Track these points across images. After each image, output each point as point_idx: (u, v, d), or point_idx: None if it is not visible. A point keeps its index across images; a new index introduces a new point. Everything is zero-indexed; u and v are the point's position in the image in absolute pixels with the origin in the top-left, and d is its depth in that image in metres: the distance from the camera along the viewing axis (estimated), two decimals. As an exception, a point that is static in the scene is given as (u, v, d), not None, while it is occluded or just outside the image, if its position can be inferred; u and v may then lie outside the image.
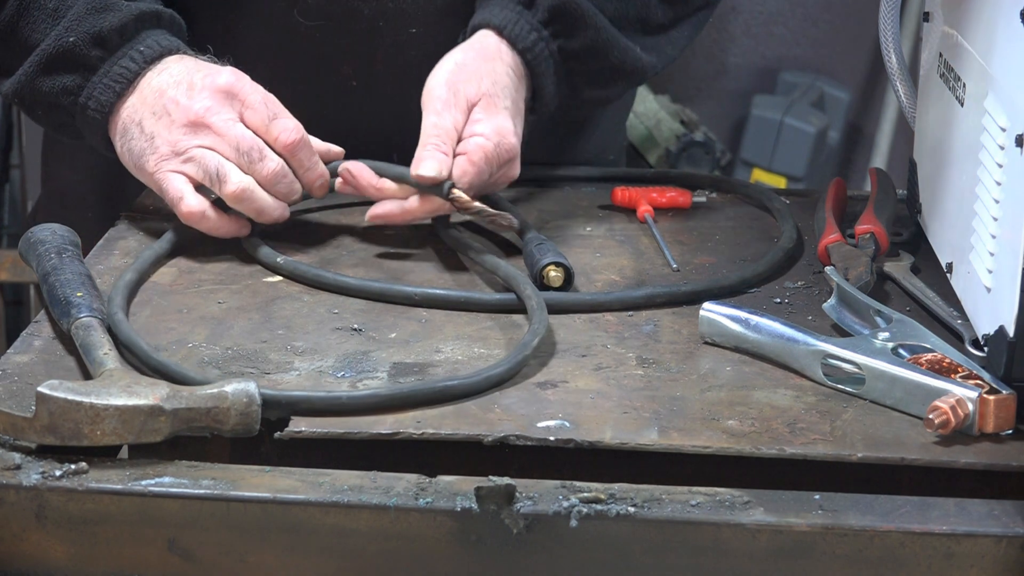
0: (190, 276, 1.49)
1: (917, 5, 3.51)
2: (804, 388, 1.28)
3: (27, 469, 1.13)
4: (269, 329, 1.38)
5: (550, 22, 1.61)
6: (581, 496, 1.11)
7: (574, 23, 1.61)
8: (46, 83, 1.55)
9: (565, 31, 1.61)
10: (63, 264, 1.41)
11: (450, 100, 1.55)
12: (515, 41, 1.60)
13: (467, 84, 1.56)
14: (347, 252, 1.55)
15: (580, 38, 1.62)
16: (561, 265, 1.46)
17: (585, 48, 1.62)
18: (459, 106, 1.55)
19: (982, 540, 1.09)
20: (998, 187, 1.25)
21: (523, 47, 1.60)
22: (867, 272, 1.42)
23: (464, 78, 1.57)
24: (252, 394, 1.18)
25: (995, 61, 1.29)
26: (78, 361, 1.30)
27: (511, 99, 1.58)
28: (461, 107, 1.55)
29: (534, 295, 1.39)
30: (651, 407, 1.24)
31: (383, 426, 1.20)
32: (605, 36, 1.62)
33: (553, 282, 1.45)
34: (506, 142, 1.55)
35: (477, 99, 1.56)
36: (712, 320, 1.36)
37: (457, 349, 1.35)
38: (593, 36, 1.62)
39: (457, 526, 1.11)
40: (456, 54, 1.60)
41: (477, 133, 1.54)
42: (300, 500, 1.11)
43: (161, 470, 1.14)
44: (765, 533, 1.09)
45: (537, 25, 1.60)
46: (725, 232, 1.64)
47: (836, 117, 3.86)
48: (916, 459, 1.17)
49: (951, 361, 1.26)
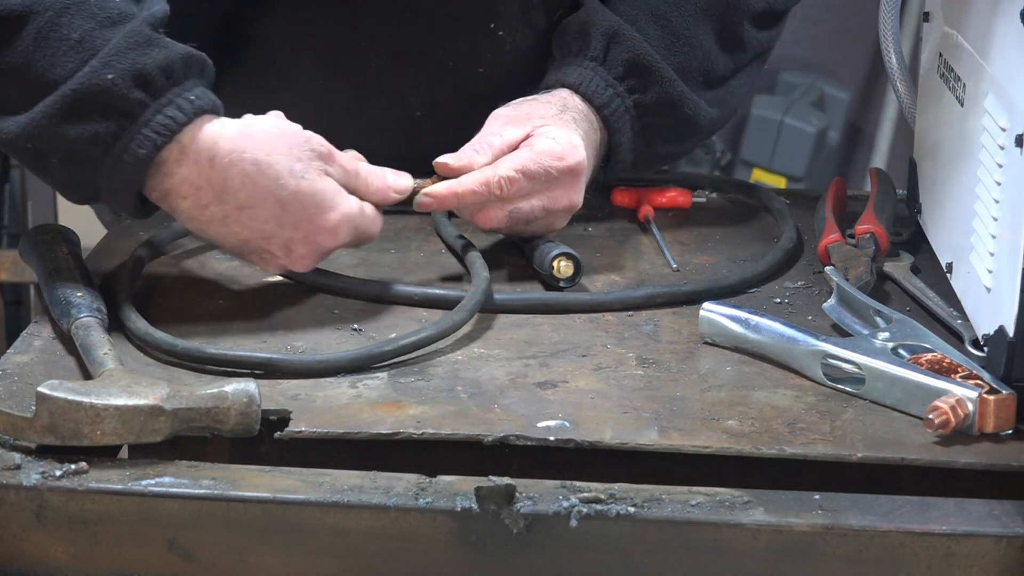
0: (190, 276, 1.49)
1: (917, 5, 3.51)
2: (804, 388, 1.28)
3: (27, 469, 1.13)
4: (269, 329, 1.38)
5: (625, 77, 1.58)
6: (581, 496, 1.11)
7: (648, 77, 1.58)
8: (71, 129, 1.33)
9: (640, 86, 1.58)
10: (63, 264, 1.41)
11: (514, 117, 1.52)
12: (591, 98, 1.56)
13: (537, 109, 1.53)
14: (347, 252, 1.55)
15: (654, 92, 1.59)
16: (570, 256, 1.46)
17: (659, 102, 1.59)
18: (520, 124, 1.51)
19: (982, 540, 1.09)
20: (998, 187, 1.25)
21: (600, 103, 1.56)
22: (867, 272, 1.42)
23: (535, 108, 1.53)
24: (252, 394, 1.18)
25: (995, 61, 1.29)
26: (78, 361, 1.30)
27: (584, 132, 1.54)
28: (523, 125, 1.51)
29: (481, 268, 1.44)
30: (651, 407, 1.24)
31: (383, 426, 1.20)
32: (679, 90, 1.60)
33: (563, 273, 1.46)
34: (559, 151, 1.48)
35: (543, 123, 1.51)
36: (712, 320, 1.36)
37: (457, 349, 1.35)
38: (668, 90, 1.59)
39: (457, 526, 1.11)
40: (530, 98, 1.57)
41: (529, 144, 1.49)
42: (300, 500, 1.11)
43: (161, 470, 1.14)
44: (765, 533, 1.09)
45: (613, 81, 1.57)
46: (725, 232, 1.64)
47: (836, 117, 3.86)
48: (916, 459, 1.17)
49: (951, 361, 1.26)
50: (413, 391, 1.26)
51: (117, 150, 1.33)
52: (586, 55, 1.58)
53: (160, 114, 1.33)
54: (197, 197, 1.36)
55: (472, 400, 1.25)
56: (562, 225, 1.53)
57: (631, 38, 1.58)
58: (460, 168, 1.47)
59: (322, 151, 1.38)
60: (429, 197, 1.46)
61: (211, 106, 1.36)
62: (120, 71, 1.32)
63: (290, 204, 1.36)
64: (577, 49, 1.60)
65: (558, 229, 1.53)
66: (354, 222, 1.39)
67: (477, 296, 1.39)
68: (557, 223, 1.53)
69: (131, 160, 1.33)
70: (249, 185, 1.35)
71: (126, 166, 1.33)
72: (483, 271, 1.44)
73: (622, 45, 1.58)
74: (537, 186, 1.48)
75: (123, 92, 1.32)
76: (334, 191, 1.38)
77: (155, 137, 1.33)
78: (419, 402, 1.24)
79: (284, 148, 1.36)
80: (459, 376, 1.29)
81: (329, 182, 1.38)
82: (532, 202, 1.49)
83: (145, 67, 1.33)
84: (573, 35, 1.61)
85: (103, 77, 1.32)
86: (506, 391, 1.26)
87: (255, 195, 1.35)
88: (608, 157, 1.60)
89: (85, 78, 1.32)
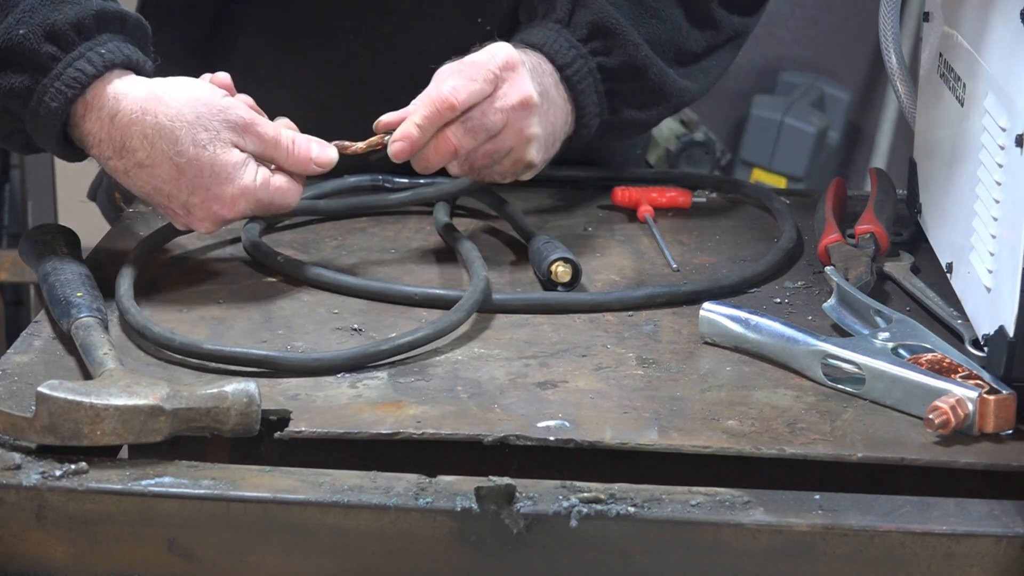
0: (190, 276, 1.49)
1: (917, 5, 3.51)
2: (804, 388, 1.28)
3: (27, 469, 1.13)
4: (269, 329, 1.38)
5: (589, 39, 1.58)
6: (581, 496, 1.11)
7: (612, 40, 1.58)
8: None
9: (604, 48, 1.58)
10: (63, 264, 1.41)
11: (453, 68, 1.49)
12: (555, 58, 1.56)
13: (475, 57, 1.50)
14: (347, 252, 1.55)
15: (618, 54, 1.58)
16: (569, 261, 1.46)
17: (624, 65, 1.59)
18: (459, 73, 1.48)
19: (982, 540, 1.09)
20: (998, 187, 1.25)
21: (563, 63, 1.56)
22: (867, 272, 1.42)
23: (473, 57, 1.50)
24: (252, 394, 1.18)
25: (995, 61, 1.29)
26: (78, 361, 1.30)
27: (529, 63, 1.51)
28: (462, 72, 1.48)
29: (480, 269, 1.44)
30: (651, 407, 1.24)
31: (383, 426, 1.20)
32: (644, 54, 1.59)
33: (561, 278, 1.46)
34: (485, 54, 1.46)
35: None
36: (712, 320, 1.36)
37: (457, 349, 1.35)
38: (632, 53, 1.59)
39: (457, 526, 1.11)
40: None
41: None
42: (300, 500, 1.11)
43: (161, 470, 1.14)
44: (765, 533, 1.09)
45: (576, 43, 1.57)
46: (725, 232, 1.64)
47: (836, 117, 3.86)
48: (916, 459, 1.17)
49: (951, 361, 1.26)
50: (413, 391, 1.26)
51: (33, 103, 1.38)
52: (551, 18, 1.58)
53: (71, 67, 1.38)
54: (100, 149, 1.40)
55: (472, 400, 1.25)
56: (534, 143, 1.50)
57: (597, 2, 1.58)
58: (398, 119, 1.47)
59: (237, 122, 1.40)
60: (397, 142, 1.45)
61: (123, 60, 1.40)
62: (31, 26, 1.37)
63: (187, 170, 1.40)
64: (543, 12, 1.60)
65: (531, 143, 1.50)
66: (255, 195, 1.41)
67: (475, 296, 1.39)
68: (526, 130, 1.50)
69: (45, 113, 1.38)
70: (147, 146, 1.39)
71: (41, 119, 1.38)
72: (482, 271, 1.44)
73: (587, 8, 1.58)
74: (483, 86, 1.47)
75: (34, 47, 1.37)
76: (236, 163, 1.40)
77: (66, 90, 1.38)
78: (419, 402, 1.24)
79: (192, 116, 1.39)
80: (459, 376, 1.29)
81: (234, 153, 1.40)
82: (483, 107, 1.47)
83: (56, 23, 1.38)
84: (539, 0, 1.61)
85: (16, 32, 1.37)
86: (506, 391, 1.26)
87: (152, 156, 1.39)
88: (576, 122, 1.59)
89: (0, 35, 1.37)
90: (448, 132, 1.47)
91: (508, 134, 1.50)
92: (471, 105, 1.47)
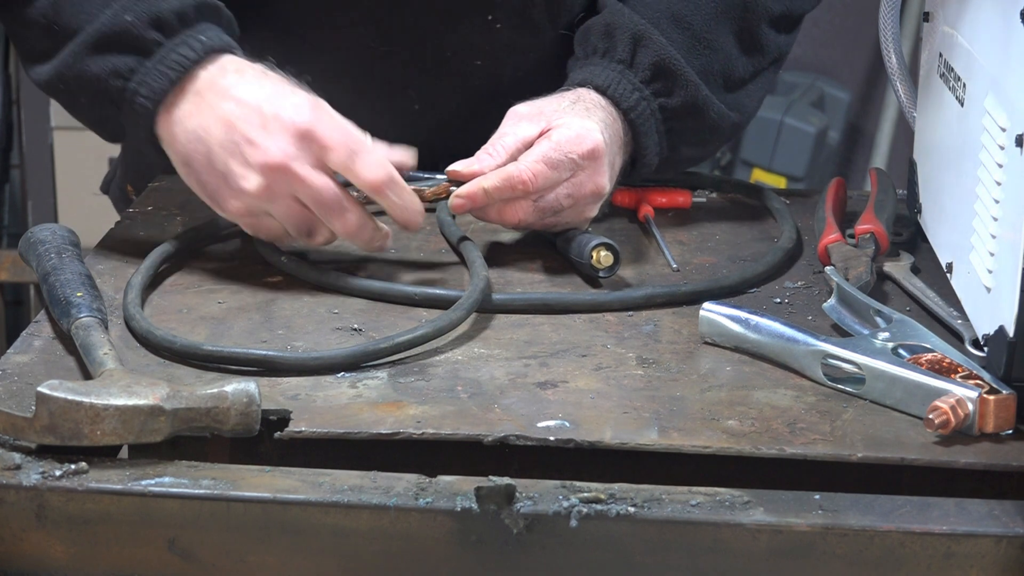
0: (190, 276, 1.49)
1: (917, 5, 3.52)
2: (804, 388, 1.28)
3: (27, 469, 1.13)
4: (269, 329, 1.38)
5: (651, 80, 1.58)
6: (581, 496, 1.11)
7: (674, 81, 1.59)
8: (95, 64, 1.45)
9: (665, 90, 1.59)
10: (63, 264, 1.41)
11: (528, 114, 1.52)
12: (619, 101, 1.57)
13: (550, 104, 1.53)
14: (347, 252, 1.55)
15: (679, 95, 1.59)
16: (609, 247, 1.47)
17: (684, 106, 1.60)
18: (534, 120, 1.51)
19: (982, 540, 1.09)
20: (998, 187, 1.25)
21: (627, 107, 1.57)
22: (867, 272, 1.42)
23: (548, 103, 1.53)
24: (252, 394, 1.18)
25: (995, 61, 1.29)
26: (78, 361, 1.30)
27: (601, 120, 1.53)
28: (537, 121, 1.51)
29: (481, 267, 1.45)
30: (651, 407, 1.24)
31: (383, 426, 1.20)
32: (703, 93, 1.60)
33: (604, 262, 1.47)
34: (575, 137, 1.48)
35: (558, 116, 1.51)
36: (712, 320, 1.36)
37: (457, 349, 1.35)
38: (693, 93, 1.59)
39: (457, 526, 1.11)
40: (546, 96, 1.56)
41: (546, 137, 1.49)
42: (300, 500, 1.11)
43: (161, 470, 1.14)
44: (765, 533, 1.09)
45: (639, 85, 1.58)
46: (725, 232, 1.64)
47: (836, 117, 3.86)
48: (916, 459, 1.17)
49: (951, 361, 1.26)
50: (413, 391, 1.26)
51: (135, 83, 1.45)
52: (613, 57, 1.59)
53: (174, 52, 1.45)
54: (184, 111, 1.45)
55: (472, 400, 1.25)
56: (592, 214, 1.54)
57: (657, 41, 1.59)
58: (470, 174, 1.49)
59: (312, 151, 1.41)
60: (460, 198, 1.48)
61: (221, 45, 1.47)
62: (138, 13, 1.45)
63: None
64: (603, 50, 1.60)
65: (589, 219, 1.55)
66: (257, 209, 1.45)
67: (475, 295, 1.39)
68: (587, 212, 1.54)
69: (146, 93, 1.45)
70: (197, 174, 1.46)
71: (141, 101, 1.45)
72: (482, 270, 1.44)
73: (648, 48, 1.58)
74: (561, 174, 1.49)
75: (140, 32, 1.45)
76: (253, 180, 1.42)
77: (168, 72, 1.45)
78: (419, 402, 1.24)
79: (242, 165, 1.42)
80: (459, 376, 1.29)
81: None
82: (557, 191, 1.50)
83: (161, 11, 1.46)
84: (598, 36, 1.61)
85: (122, 18, 1.45)
86: (506, 391, 1.27)
87: (204, 188, 1.46)
88: (634, 159, 1.61)
89: (107, 20, 1.45)
90: (516, 206, 1.50)
91: (571, 214, 1.53)
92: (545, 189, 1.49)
